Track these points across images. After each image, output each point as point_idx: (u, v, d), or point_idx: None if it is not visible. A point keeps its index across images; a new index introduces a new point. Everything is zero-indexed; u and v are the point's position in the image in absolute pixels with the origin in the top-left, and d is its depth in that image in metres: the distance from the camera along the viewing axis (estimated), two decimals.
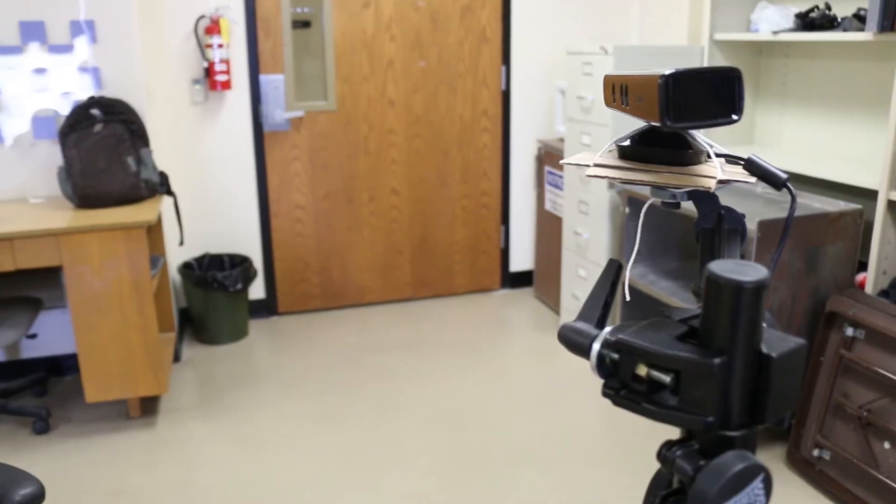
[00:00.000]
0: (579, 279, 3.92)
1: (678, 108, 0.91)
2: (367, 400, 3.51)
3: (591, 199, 3.75)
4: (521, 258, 4.86)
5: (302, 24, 4.22)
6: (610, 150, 1.08)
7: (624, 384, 0.86)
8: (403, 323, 4.40)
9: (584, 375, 3.67)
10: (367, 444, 3.13)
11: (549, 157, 4.36)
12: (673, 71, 0.90)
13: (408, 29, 4.33)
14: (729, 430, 0.80)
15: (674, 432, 3.11)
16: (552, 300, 4.47)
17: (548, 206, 4.42)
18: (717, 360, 0.78)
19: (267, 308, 4.53)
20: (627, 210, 3.46)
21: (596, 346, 0.88)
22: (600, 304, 0.94)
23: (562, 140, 4.16)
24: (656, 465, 2.90)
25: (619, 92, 1.03)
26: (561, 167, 4.11)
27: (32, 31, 3.51)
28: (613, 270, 0.97)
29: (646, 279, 3.45)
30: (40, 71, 3.55)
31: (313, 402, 3.51)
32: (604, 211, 3.65)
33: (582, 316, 0.93)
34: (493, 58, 4.50)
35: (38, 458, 3.11)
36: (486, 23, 4.43)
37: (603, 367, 0.87)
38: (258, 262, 4.39)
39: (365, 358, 3.94)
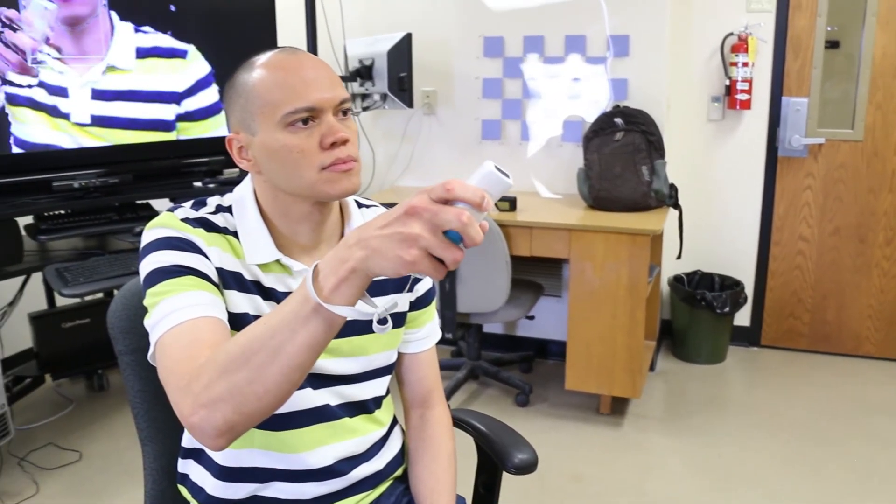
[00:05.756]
0: None
1: None
2: (848, 459, 3.18)
3: None
4: None
5: (830, 44, 3.96)
6: None
7: None
8: None
9: None
10: None
11: None
12: None
13: None
14: None
15: None
16: None
17: None
18: None
19: (749, 337, 4.36)
20: None
21: None
22: None
23: None
24: None
25: None
26: None
27: (575, 44, 3.83)
28: None
29: None
30: (576, 79, 3.86)
31: (785, 444, 3.29)
32: None
33: None
34: None
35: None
36: None
37: None
38: (749, 289, 4.22)
39: (851, 413, 3.58)
